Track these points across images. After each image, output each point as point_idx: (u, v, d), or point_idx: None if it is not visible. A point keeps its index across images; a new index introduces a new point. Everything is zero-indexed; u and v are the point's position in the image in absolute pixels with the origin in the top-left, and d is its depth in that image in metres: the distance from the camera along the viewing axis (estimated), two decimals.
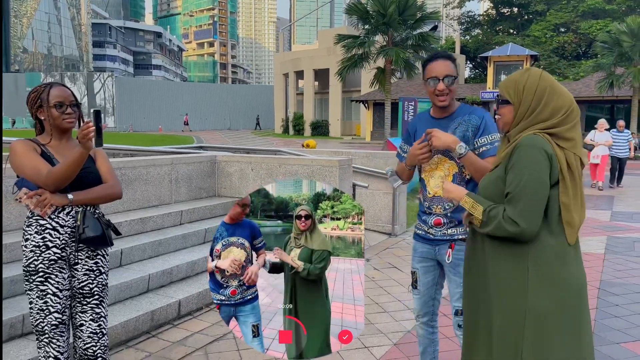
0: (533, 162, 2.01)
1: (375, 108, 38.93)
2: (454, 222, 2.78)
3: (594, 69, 30.91)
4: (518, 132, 2.14)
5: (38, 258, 2.56)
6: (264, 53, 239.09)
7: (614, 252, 6.93)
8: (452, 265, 2.81)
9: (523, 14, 52.90)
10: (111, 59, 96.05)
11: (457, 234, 2.79)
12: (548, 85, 2.13)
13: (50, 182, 2.52)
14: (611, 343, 4.04)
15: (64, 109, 2.63)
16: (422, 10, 25.97)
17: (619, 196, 12.31)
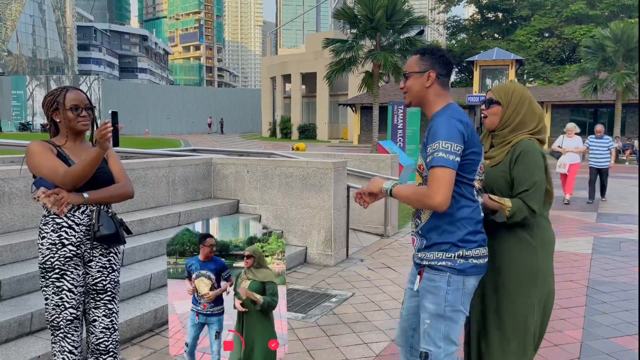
0: (539, 164, 2.60)
1: (362, 112, 39.18)
2: (423, 241, 2.45)
3: (578, 73, 31.39)
4: (509, 133, 2.69)
5: (54, 255, 2.64)
6: (250, 56, 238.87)
7: (601, 252, 7.12)
8: (421, 295, 2.46)
9: (508, 19, 53.54)
10: (96, 62, 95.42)
11: (427, 258, 2.41)
12: (529, 96, 2.73)
13: (67, 182, 2.60)
14: (601, 338, 4.19)
15: (79, 111, 2.71)
16: (409, 15, 26.20)
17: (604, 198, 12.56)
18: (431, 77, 2.43)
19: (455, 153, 2.24)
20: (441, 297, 2.35)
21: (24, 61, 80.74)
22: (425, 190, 2.26)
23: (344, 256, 6.64)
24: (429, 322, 2.39)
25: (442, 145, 2.24)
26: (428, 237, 2.40)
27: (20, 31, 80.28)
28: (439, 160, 2.23)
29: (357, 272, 6.07)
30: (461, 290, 2.36)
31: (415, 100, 2.49)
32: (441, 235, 2.36)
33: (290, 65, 45.14)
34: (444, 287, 2.35)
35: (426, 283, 2.40)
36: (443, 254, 2.35)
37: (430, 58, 2.45)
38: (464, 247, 2.34)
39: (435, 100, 2.45)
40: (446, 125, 2.28)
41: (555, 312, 4.76)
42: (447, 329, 2.37)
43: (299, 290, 5.37)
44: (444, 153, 2.22)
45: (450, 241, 2.34)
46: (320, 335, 4.21)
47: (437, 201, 2.23)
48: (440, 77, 2.45)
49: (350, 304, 4.94)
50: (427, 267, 2.40)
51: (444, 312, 2.36)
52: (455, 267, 2.34)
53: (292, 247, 6.43)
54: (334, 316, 4.63)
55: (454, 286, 2.35)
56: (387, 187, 2.48)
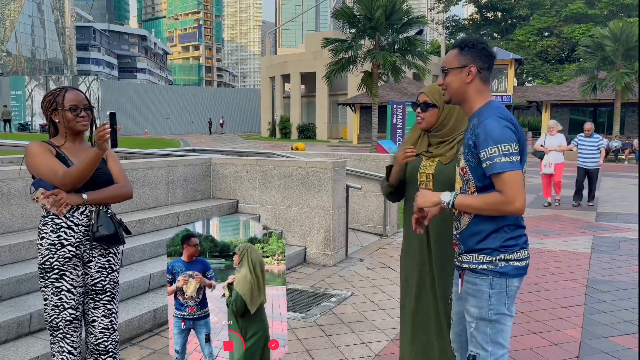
0: None
1: (362, 111, 39.18)
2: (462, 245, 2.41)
3: (577, 72, 31.48)
4: (450, 131, 2.83)
5: (53, 256, 2.65)
6: (250, 56, 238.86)
7: (600, 251, 7.13)
8: (464, 298, 2.43)
9: (507, 19, 53.58)
10: (95, 62, 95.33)
11: (466, 261, 2.37)
12: None
13: (66, 182, 2.60)
14: (600, 337, 4.19)
15: (78, 112, 2.71)
16: (408, 14, 26.21)
17: (604, 197, 12.57)
18: (472, 73, 2.31)
19: (515, 153, 2.16)
20: (484, 301, 2.30)
21: (22, 61, 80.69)
22: (500, 197, 2.16)
23: (343, 256, 6.64)
24: (474, 325, 2.34)
25: (502, 149, 2.14)
26: (468, 242, 2.33)
27: (19, 31, 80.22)
28: (504, 166, 2.14)
29: (356, 271, 6.08)
30: (504, 292, 2.29)
31: (455, 97, 2.38)
32: (483, 241, 2.29)
33: (289, 65, 45.12)
34: (487, 290, 2.29)
35: (468, 286, 2.35)
36: (484, 257, 2.29)
37: (471, 51, 2.32)
38: (505, 252, 2.27)
39: (476, 97, 2.33)
40: (498, 128, 2.17)
41: (555, 311, 4.77)
42: (494, 332, 2.31)
43: (299, 290, 5.37)
44: (505, 156, 2.14)
45: (492, 247, 2.27)
46: (320, 335, 4.21)
47: (517, 206, 2.15)
48: (482, 71, 2.32)
49: (349, 304, 4.95)
50: (468, 270, 2.35)
51: (488, 315, 2.30)
52: (497, 271, 2.27)
53: (292, 247, 6.43)
54: (334, 316, 4.63)
55: (497, 289, 2.28)
56: (447, 199, 2.31)
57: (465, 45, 2.33)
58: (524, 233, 2.35)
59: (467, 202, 2.26)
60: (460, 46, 2.34)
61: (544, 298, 5.12)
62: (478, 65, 2.31)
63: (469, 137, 2.27)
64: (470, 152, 2.26)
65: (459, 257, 2.41)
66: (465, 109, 2.38)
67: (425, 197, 2.38)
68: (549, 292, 5.29)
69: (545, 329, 4.34)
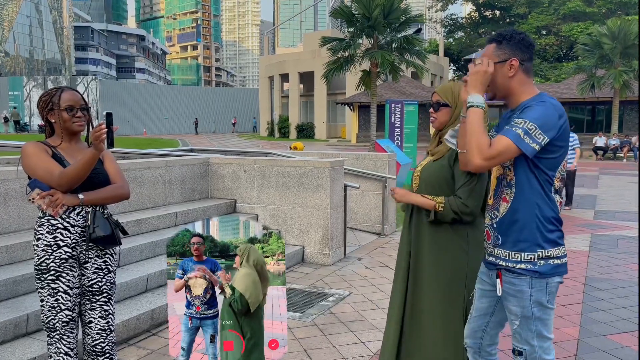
0: None
1: (360, 110, 39.16)
2: (498, 235, 2.32)
3: (575, 71, 31.46)
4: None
5: (50, 257, 2.64)
6: (248, 56, 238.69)
7: (598, 249, 7.13)
8: (503, 297, 2.37)
9: (505, 17, 53.59)
10: (94, 62, 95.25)
11: (502, 258, 2.30)
12: None
13: (62, 183, 2.59)
14: (597, 335, 4.20)
15: (74, 112, 2.71)
16: (406, 13, 26.19)
17: (602, 195, 12.59)
18: (514, 66, 2.24)
19: (535, 140, 2.09)
20: (526, 300, 2.25)
21: (21, 62, 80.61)
22: (485, 147, 2.12)
23: (341, 255, 6.64)
24: (518, 323, 2.30)
25: (527, 125, 2.09)
26: (506, 232, 2.27)
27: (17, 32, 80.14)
28: (511, 133, 2.10)
29: (354, 271, 6.08)
30: (545, 289, 2.24)
31: (500, 92, 2.30)
32: (520, 232, 2.22)
33: (288, 65, 45.10)
34: (527, 290, 2.24)
35: (507, 287, 2.28)
36: (521, 255, 2.23)
37: (509, 44, 2.25)
38: (543, 247, 2.21)
39: (521, 90, 2.26)
40: (543, 113, 2.11)
41: None
42: (538, 327, 2.28)
43: (297, 289, 5.37)
44: (523, 132, 2.08)
45: (530, 240, 2.21)
46: (318, 334, 4.21)
47: (479, 162, 2.13)
48: (524, 63, 2.25)
49: (347, 303, 4.95)
50: (505, 269, 2.28)
51: (532, 313, 2.26)
52: (536, 270, 2.22)
53: (290, 246, 6.43)
54: (331, 315, 4.63)
55: (537, 287, 2.23)
56: (472, 101, 2.20)
57: (503, 39, 2.27)
58: (560, 228, 2.28)
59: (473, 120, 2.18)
60: (498, 40, 2.28)
61: None
62: (519, 57, 2.24)
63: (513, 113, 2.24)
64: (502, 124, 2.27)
65: (493, 250, 2.35)
66: (511, 102, 2.31)
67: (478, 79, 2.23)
68: None
69: None
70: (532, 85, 2.28)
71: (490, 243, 2.36)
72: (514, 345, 2.37)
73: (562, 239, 2.27)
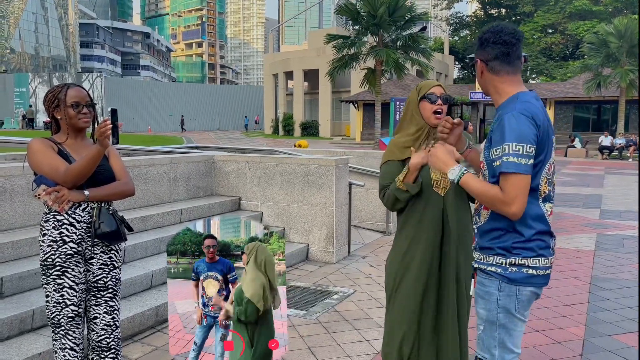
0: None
1: (365, 108, 39.11)
2: (478, 240, 2.31)
3: (581, 69, 31.33)
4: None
5: (55, 252, 2.64)
6: (253, 53, 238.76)
7: (603, 249, 7.10)
8: (475, 300, 2.34)
9: (511, 15, 53.40)
10: (99, 60, 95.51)
11: (478, 260, 2.28)
12: None
13: (68, 179, 2.60)
14: (603, 335, 4.18)
15: (80, 108, 2.71)
16: (411, 11, 26.17)
17: (608, 194, 12.54)
18: (479, 67, 2.22)
19: (527, 156, 2.02)
20: (492, 303, 2.19)
21: (26, 59, 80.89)
22: (500, 195, 2.05)
23: (345, 253, 6.64)
24: (482, 327, 2.26)
25: (512, 149, 2.01)
26: (483, 237, 2.23)
27: (22, 29, 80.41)
28: (511, 166, 2.01)
29: (358, 269, 6.07)
30: (514, 296, 2.16)
31: (485, 94, 2.28)
32: (497, 238, 2.17)
33: (292, 62, 45.09)
34: (495, 292, 2.18)
35: (478, 287, 2.26)
36: (494, 259, 2.17)
37: (478, 45, 2.23)
38: (518, 255, 2.12)
39: (495, 90, 2.21)
40: (515, 124, 2.03)
41: (558, 309, 4.75)
42: (502, 337, 2.20)
43: (301, 287, 5.37)
44: (515, 157, 2.01)
45: (503, 246, 2.15)
46: (322, 332, 4.20)
47: (513, 210, 2.04)
48: (489, 62, 2.18)
49: (351, 301, 4.94)
50: (479, 270, 2.25)
51: (497, 318, 2.19)
52: (505, 275, 2.15)
53: (294, 244, 6.43)
54: (336, 313, 4.62)
55: (506, 291, 2.16)
56: (453, 177, 2.21)
57: (478, 39, 2.25)
58: (544, 238, 2.16)
59: (470, 185, 2.16)
60: (477, 45, 2.26)
61: (547, 296, 5.10)
62: (483, 57, 2.19)
63: (490, 131, 2.17)
64: (488, 147, 2.15)
65: (473, 254, 2.33)
66: (494, 101, 2.25)
67: (440, 159, 2.28)
68: (553, 290, 5.27)
69: (549, 327, 4.33)
70: (508, 84, 2.18)
71: (473, 246, 2.34)
72: (476, 353, 2.32)
73: (544, 250, 2.15)
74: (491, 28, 2.20)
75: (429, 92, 2.76)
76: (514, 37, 2.16)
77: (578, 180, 13.92)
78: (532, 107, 2.09)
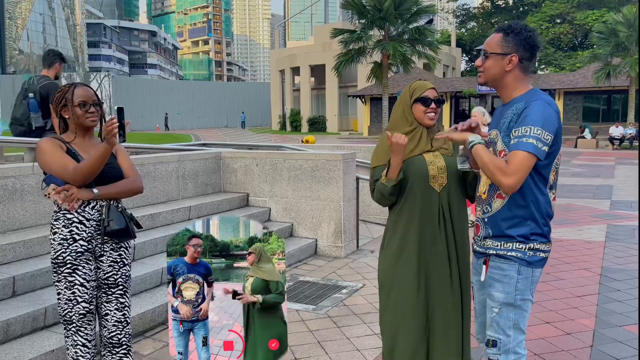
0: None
1: (372, 103, 39.04)
2: (490, 230, 2.38)
3: (590, 59, 31.06)
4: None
5: (66, 250, 2.68)
6: (259, 50, 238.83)
7: (614, 239, 7.06)
8: (487, 283, 2.42)
9: (518, 6, 53.01)
10: (106, 59, 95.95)
11: (494, 247, 2.36)
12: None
13: (77, 178, 2.63)
14: (613, 326, 4.16)
15: (87, 107, 2.73)
16: (417, 4, 26.07)
17: (618, 185, 12.45)
18: (513, 62, 2.27)
19: (545, 143, 2.13)
20: (512, 286, 2.31)
21: (35, 59, 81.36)
22: (503, 165, 2.15)
23: (354, 248, 6.65)
24: (497, 310, 2.34)
25: (534, 132, 2.12)
26: (498, 226, 2.31)
27: (30, 30, 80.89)
28: (528, 146, 2.11)
29: (367, 263, 6.08)
30: (530, 278, 2.31)
31: (492, 82, 2.34)
32: (514, 227, 2.28)
33: (298, 58, 45.05)
34: (515, 275, 2.30)
35: (494, 272, 2.34)
36: (513, 245, 2.28)
37: (515, 39, 2.26)
38: (535, 241, 2.28)
39: (515, 85, 2.31)
40: (542, 112, 2.15)
41: (568, 300, 4.74)
42: (517, 318, 2.33)
43: (310, 282, 5.39)
44: (535, 140, 2.12)
45: (523, 234, 2.27)
46: (331, 326, 4.22)
47: (510, 182, 2.14)
48: (523, 61, 2.28)
49: (360, 295, 4.95)
50: (495, 255, 2.34)
51: (515, 300, 2.32)
52: (525, 259, 2.28)
53: (302, 239, 6.45)
54: (345, 307, 4.64)
55: (524, 274, 2.30)
56: (472, 139, 2.27)
57: (510, 31, 2.27)
58: (550, 224, 2.36)
59: (481, 153, 2.23)
60: (506, 31, 2.28)
61: (557, 287, 5.09)
62: (520, 55, 2.26)
63: (510, 120, 2.24)
64: (507, 133, 2.24)
65: (482, 242, 2.39)
66: (503, 95, 2.34)
67: (461, 134, 2.36)
68: (563, 282, 5.26)
69: (559, 319, 4.32)
70: (526, 81, 2.31)
71: (480, 236, 2.42)
72: (488, 336, 2.38)
73: (550, 234, 2.35)
74: (527, 28, 2.30)
75: (422, 95, 2.70)
76: (540, 42, 2.35)
77: (588, 171, 13.83)
78: (553, 100, 2.26)
